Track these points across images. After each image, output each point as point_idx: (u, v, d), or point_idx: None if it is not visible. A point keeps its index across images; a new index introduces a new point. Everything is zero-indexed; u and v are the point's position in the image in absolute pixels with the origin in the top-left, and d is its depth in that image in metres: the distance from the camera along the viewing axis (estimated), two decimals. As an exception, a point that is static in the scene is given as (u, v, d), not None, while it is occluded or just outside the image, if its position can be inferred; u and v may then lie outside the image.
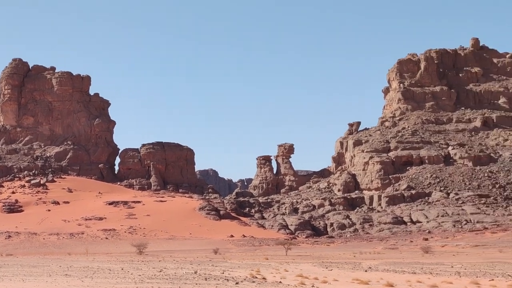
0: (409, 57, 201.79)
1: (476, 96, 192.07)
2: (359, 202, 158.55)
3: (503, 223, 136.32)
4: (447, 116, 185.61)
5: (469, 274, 51.43)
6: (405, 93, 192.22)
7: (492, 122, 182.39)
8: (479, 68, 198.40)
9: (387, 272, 54.51)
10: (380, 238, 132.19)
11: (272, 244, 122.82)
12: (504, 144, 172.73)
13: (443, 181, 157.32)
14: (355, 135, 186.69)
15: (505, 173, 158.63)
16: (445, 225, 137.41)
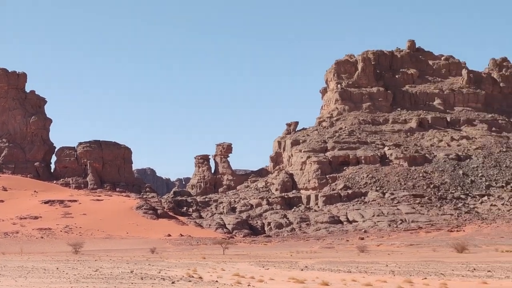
0: (346, 58, 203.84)
1: (412, 97, 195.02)
2: (297, 202, 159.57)
3: (437, 222, 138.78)
4: (383, 117, 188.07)
5: (403, 273, 52.26)
6: (343, 93, 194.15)
7: (427, 123, 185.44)
8: (415, 69, 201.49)
9: (323, 271, 55.05)
10: (317, 237, 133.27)
11: (210, 243, 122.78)
12: (439, 145, 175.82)
13: (379, 181, 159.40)
14: (293, 135, 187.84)
15: (439, 174, 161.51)
16: (380, 225, 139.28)
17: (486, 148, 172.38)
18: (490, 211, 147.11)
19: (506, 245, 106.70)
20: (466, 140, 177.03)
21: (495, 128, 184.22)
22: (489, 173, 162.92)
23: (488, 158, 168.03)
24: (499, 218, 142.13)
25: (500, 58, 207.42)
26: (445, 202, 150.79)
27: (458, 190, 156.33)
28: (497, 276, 47.83)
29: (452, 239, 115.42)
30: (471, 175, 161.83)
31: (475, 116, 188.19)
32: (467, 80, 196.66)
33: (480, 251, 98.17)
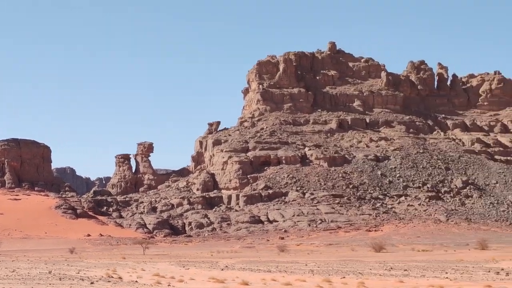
0: (268, 58, 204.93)
1: (332, 98, 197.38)
2: (218, 201, 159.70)
3: (355, 222, 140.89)
4: (304, 118, 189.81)
5: (322, 272, 52.99)
6: (264, 94, 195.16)
7: (347, 124, 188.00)
8: (335, 71, 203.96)
9: (243, 270, 55.37)
10: (238, 237, 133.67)
11: (130, 243, 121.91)
12: (358, 146, 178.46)
13: (299, 181, 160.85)
14: (215, 135, 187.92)
15: (358, 174, 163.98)
16: (300, 224, 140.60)
17: (404, 149, 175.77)
18: (407, 211, 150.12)
19: (422, 245, 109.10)
20: (384, 141, 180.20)
21: (413, 130, 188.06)
22: (406, 173, 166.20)
23: (405, 159, 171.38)
24: (416, 218, 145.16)
25: (418, 61, 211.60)
26: (364, 202, 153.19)
27: (377, 191, 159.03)
28: (413, 275, 48.97)
29: (370, 238, 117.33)
30: (389, 176, 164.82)
31: (394, 118, 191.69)
32: (386, 82, 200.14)
33: (397, 250, 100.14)
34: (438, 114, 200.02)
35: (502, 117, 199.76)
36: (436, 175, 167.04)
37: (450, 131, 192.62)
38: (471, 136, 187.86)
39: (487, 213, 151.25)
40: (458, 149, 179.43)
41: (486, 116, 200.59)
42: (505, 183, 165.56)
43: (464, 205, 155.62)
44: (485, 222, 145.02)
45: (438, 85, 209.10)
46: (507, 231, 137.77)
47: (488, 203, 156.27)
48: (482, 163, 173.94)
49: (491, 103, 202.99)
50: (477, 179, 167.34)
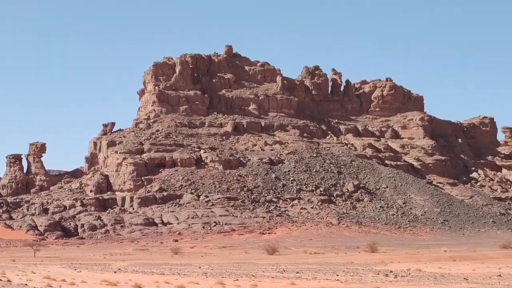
0: (165, 60, 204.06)
1: (228, 101, 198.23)
2: (111, 203, 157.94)
3: (249, 225, 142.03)
4: (200, 120, 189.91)
5: (216, 274, 53.26)
6: (160, 96, 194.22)
7: (242, 128, 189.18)
8: (231, 74, 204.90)
9: (136, 273, 55.07)
10: (131, 239, 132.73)
11: (20, 245, 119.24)
12: (253, 149, 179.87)
13: (194, 183, 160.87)
14: (109, 136, 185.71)
15: (253, 177, 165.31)
16: (194, 227, 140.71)
17: (298, 153, 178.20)
18: (300, 214, 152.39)
19: (314, 247, 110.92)
20: (279, 145, 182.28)
21: (307, 134, 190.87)
22: (300, 177, 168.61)
23: (299, 163, 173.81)
24: (308, 221, 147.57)
25: (313, 66, 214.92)
26: (258, 205, 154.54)
27: (271, 194, 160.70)
28: (305, 277, 49.80)
29: (264, 241, 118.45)
30: (283, 179, 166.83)
31: (288, 122, 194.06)
32: (281, 87, 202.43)
33: (290, 253, 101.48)
34: (331, 119, 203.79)
35: (393, 123, 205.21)
36: (329, 179, 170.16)
37: (342, 136, 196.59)
38: (363, 141, 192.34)
39: (377, 216, 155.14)
40: (350, 154, 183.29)
41: (378, 121, 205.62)
42: (395, 188, 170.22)
43: (355, 209, 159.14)
44: (375, 226, 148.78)
45: (331, 91, 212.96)
46: (396, 234, 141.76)
47: (378, 207, 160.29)
48: (373, 167, 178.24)
49: (382, 109, 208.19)
50: (368, 183, 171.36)
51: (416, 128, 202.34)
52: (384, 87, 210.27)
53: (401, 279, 47.94)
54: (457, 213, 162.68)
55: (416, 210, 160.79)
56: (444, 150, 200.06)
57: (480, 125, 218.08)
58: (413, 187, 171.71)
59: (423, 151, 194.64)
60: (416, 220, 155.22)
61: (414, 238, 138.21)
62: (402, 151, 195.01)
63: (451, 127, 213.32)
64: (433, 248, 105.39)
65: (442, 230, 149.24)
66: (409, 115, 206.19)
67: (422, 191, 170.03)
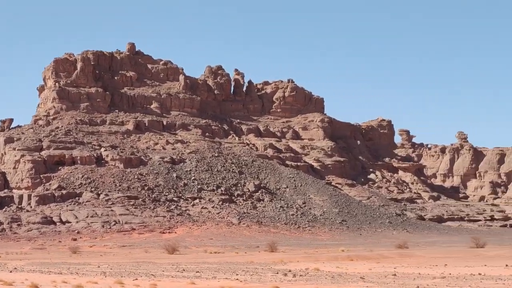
0: (66, 56, 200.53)
1: (130, 99, 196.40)
2: (8, 201, 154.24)
3: (150, 224, 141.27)
4: (101, 118, 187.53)
5: (115, 274, 52.91)
6: (60, 92, 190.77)
7: (144, 126, 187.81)
8: (134, 72, 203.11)
9: (33, 272, 54.18)
10: (28, 238, 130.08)
11: None
12: (154, 147, 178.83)
13: (94, 181, 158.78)
14: (7, 132, 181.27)
15: (154, 176, 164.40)
16: (94, 226, 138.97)
17: (199, 153, 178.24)
18: (201, 213, 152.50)
19: (214, 247, 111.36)
20: (181, 144, 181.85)
21: (209, 134, 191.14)
22: (201, 176, 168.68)
23: (201, 162, 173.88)
24: (209, 220, 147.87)
25: (216, 66, 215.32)
26: (159, 204, 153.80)
27: (172, 193, 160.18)
28: (205, 277, 50.06)
29: (164, 240, 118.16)
30: (184, 178, 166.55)
31: (190, 121, 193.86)
32: (184, 86, 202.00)
33: (190, 252, 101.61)
34: (233, 119, 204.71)
35: (294, 124, 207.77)
36: (230, 179, 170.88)
37: (244, 136, 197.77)
38: (264, 142, 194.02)
39: (277, 216, 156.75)
40: (252, 154, 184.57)
41: (279, 122, 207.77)
42: (295, 188, 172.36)
43: (256, 209, 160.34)
44: (275, 225, 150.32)
45: (234, 91, 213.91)
46: (295, 234, 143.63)
47: (279, 207, 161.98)
48: (274, 168, 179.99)
49: (284, 110, 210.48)
50: (268, 183, 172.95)
51: (316, 130, 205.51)
52: (286, 88, 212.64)
53: (300, 278, 48.74)
54: (355, 213, 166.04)
55: (315, 210, 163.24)
56: (343, 152, 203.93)
57: (378, 127, 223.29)
58: (313, 187, 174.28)
59: (323, 152, 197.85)
60: (315, 220, 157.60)
61: (313, 238, 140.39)
62: (303, 152, 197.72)
63: (350, 129, 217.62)
64: (331, 248, 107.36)
65: (340, 230, 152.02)
66: (310, 117, 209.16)
67: (321, 192, 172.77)
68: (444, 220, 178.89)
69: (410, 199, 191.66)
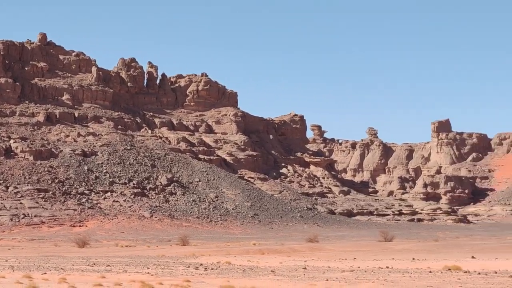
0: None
1: (41, 91, 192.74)
2: None
3: (60, 217, 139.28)
4: (10, 109, 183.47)
5: (23, 268, 52.11)
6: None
7: (55, 118, 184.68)
8: (45, 63, 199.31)
9: None
10: None
11: None
12: (66, 140, 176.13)
13: (3, 174, 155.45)
14: None
15: (65, 169, 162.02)
16: (2, 219, 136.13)
17: (112, 145, 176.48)
18: (113, 207, 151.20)
19: (125, 240, 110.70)
20: (92, 137, 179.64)
21: (121, 126, 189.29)
22: (113, 169, 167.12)
23: (113, 155, 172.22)
24: (121, 214, 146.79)
25: (129, 58, 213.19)
26: (69, 197, 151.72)
27: (83, 186, 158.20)
28: (116, 270, 49.81)
29: (75, 234, 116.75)
30: (95, 171, 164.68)
31: (103, 114, 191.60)
32: (96, 78, 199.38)
33: (101, 246, 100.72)
34: (146, 112, 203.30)
35: (207, 117, 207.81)
36: (142, 172, 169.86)
37: (157, 129, 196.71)
38: (177, 135, 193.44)
39: (190, 210, 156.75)
40: (164, 147, 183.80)
41: (192, 116, 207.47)
42: (208, 182, 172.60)
43: (168, 202, 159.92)
44: (187, 219, 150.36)
45: (147, 84, 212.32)
46: (207, 228, 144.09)
47: (191, 201, 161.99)
48: (186, 161, 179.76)
49: (197, 103, 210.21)
50: (181, 177, 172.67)
51: (229, 124, 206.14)
52: (200, 82, 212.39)
53: (211, 272, 49.02)
54: (267, 207, 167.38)
55: (227, 204, 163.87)
56: (256, 146, 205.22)
57: (291, 122, 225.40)
58: (225, 181, 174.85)
59: (236, 146, 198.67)
60: (227, 214, 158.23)
61: (225, 231, 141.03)
62: (215, 146, 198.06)
63: (263, 123, 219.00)
64: (243, 242, 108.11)
65: (252, 224, 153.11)
66: (223, 111, 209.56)
67: (233, 186, 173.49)
68: (353, 214, 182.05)
69: (321, 194, 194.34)
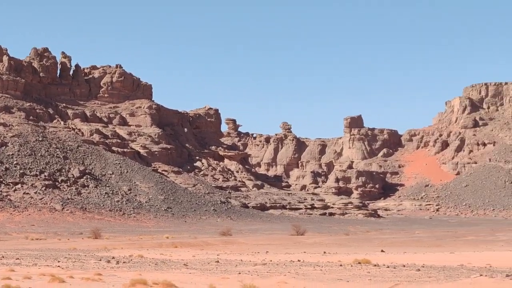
0: None
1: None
2: None
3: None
4: None
5: None
6: None
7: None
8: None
9: None
10: None
11: None
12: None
13: None
14: None
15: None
16: None
17: (23, 137, 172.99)
18: (23, 199, 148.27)
19: (36, 233, 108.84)
20: (3, 127, 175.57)
21: (33, 117, 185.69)
22: (24, 161, 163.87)
23: (24, 146, 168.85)
24: (31, 206, 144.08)
25: (42, 48, 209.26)
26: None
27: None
28: (25, 264, 49.05)
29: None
30: (6, 163, 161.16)
31: (14, 104, 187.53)
32: (8, 67, 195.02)
33: (11, 238, 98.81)
34: (59, 103, 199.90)
35: (121, 109, 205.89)
36: (54, 164, 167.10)
37: (70, 120, 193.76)
38: (90, 127, 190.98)
39: (102, 203, 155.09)
40: (77, 139, 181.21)
41: (106, 108, 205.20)
42: (121, 174, 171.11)
43: (80, 195, 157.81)
44: (99, 212, 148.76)
45: (60, 74, 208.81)
46: (120, 221, 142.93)
47: (104, 193, 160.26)
48: (99, 153, 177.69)
49: (111, 95, 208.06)
50: (94, 169, 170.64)
51: (143, 116, 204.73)
52: (114, 74, 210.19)
53: (123, 265, 48.78)
54: (180, 200, 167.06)
55: (140, 197, 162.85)
56: (170, 139, 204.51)
57: (205, 116, 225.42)
58: (139, 174, 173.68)
59: (150, 139, 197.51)
60: (140, 207, 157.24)
61: (138, 224, 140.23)
62: (129, 138, 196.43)
63: (178, 116, 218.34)
64: (156, 235, 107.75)
65: (165, 217, 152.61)
66: (138, 103, 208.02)
67: (147, 179, 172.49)
68: (267, 208, 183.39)
69: (235, 187, 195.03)
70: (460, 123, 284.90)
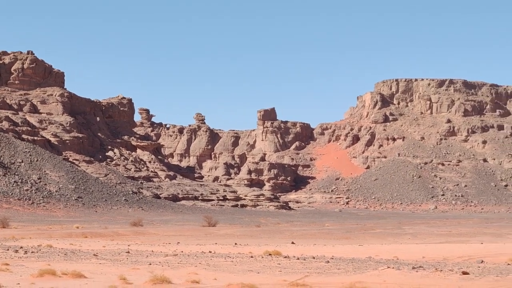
0: None
1: None
2: None
3: None
4: None
5: None
6: None
7: None
8: None
9: None
10: None
11: None
12: None
13: None
14: None
15: None
16: None
17: None
18: None
19: None
20: None
21: None
22: None
23: None
24: None
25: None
26: None
27: None
28: None
29: None
30: None
31: None
32: None
33: None
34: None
35: (32, 97, 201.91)
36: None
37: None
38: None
39: (11, 191, 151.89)
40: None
41: (16, 95, 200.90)
42: (31, 163, 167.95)
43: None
44: (7, 201, 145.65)
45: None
46: (29, 210, 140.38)
47: (12, 182, 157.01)
48: (9, 141, 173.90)
49: (22, 82, 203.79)
50: (3, 157, 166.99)
51: (55, 104, 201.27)
52: (25, 60, 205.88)
53: (31, 255, 48.05)
54: (91, 190, 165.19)
55: (50, 186, 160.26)
56: (82, 128, 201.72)
57: (119, 105, 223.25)
58: (49, 163, 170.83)
59: (61, 128, 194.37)
60: (50, 196, 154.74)
61: (47, 214, 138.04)
62: (40, 126, 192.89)
63: (90, 105, 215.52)
64: (66, 225, 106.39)
65: (76, 207, 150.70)
66: (49, 90, 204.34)
67: (58, 167, 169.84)
68: (179, 199, 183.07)
69: (147, 178, 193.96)
70: (371, 118, 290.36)
